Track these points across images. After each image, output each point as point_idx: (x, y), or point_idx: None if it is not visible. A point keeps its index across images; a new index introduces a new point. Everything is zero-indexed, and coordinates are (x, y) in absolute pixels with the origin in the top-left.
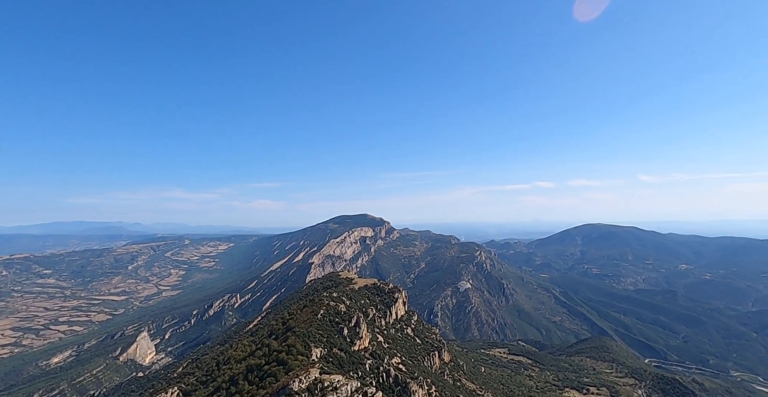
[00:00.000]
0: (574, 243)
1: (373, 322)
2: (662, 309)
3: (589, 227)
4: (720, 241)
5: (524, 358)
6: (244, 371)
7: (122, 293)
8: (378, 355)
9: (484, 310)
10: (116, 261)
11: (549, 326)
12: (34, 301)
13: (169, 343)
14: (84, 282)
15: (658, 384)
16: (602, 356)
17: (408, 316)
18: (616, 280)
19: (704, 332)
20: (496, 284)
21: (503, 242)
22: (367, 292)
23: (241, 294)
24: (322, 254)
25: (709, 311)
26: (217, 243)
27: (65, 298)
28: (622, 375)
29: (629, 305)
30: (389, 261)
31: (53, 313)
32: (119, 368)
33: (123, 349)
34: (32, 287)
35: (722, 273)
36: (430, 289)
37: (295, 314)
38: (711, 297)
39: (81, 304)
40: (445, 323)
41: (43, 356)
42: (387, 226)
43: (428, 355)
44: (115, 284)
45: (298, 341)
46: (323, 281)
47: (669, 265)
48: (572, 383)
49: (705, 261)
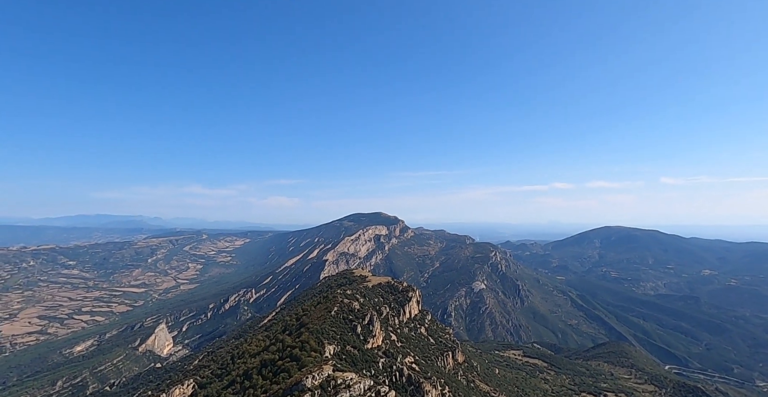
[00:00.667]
0: (592, 246)
1: (387, 320)
2: (684, 315)
3: (607, 230)
4: (746, 246)
5: (539, 361)
6: (258, 366)
7: (142, 285)
8: (391, 354)
9: (499, 311)
10: (137, 254)
11: (565, 330)
12: (59, 291)
13: (186, 335)
14: (106, 274)
15: (680, 392)
16: (621, 362)
17: (422, 315)
18: (635, 284)
19: (728, 339)
20: (511, 285)
21: (519, 243)
22: (380, 290)
23: (257, 289)
24: (336, 251)
25: (733, 318)
26: (233, 238)
27: (88, 289)
28: (641, 382)
29: (649, 310)
30: (403, 260)
31: (77, 303)
32: (138, 359)
33: (142, 340)
34: (57, 278)
35: (748, 280)
36: (444, 289)
37: (308, 311)
38: (736, 304)
39: (103, 295)
40: (458, 324)
41: (66, 344)
42: (401, 224)
43: (442, 355)
44: (136, 276)
45: (312, 338)
46: (337, 278)
47: (691, 270)
48: (589, 388)
49: (730, 267)
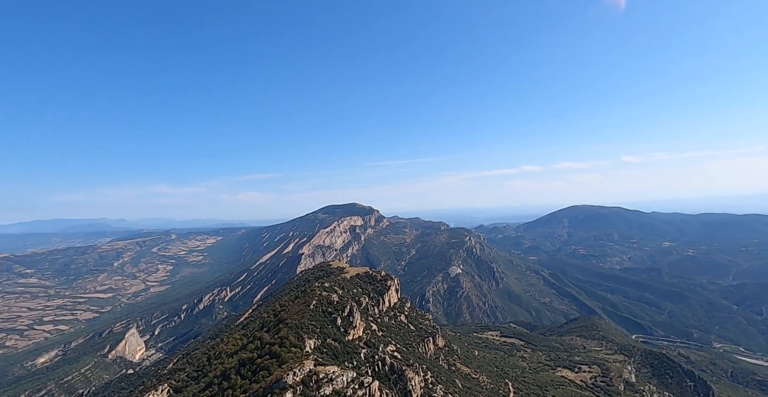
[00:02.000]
0: (562, 225)
1: (367, 310)
2: (648, 286)
3: (575, 209)
4: (702, 218)
5: (516, 340)
6: (237, 366)
7: (109, 290)
8: (373, 344)
9: (475, 294)
10: (101, 258)
11: (539, 308)
12: (17, 301)
13: (159, 339)
14: (68, 281)
15: (647, 359)
16: (592, 335)
17: (401, 303)
18: (602, 260)
19: (688, 307)
20: (486, 268)
21: (492, 226)
22: (359, 281)
23: (231, 287)
24: (312, 244)
25: (692, 286)
26: (204, 237)
27: (49, 297)
28: (611, 352)
29: (616, 283)
30: (380, 249)
31: (37, 313)
32: (108, 366)
33: (111, 346)
34: (14, 288)
35: (704, 249)
36: (421, 275)
37: (286, 306)
38: (694, 273)
39: (66, 303)
40: (437, 309)
41: (28, 356)
42: (376, 214)
43: (423, 341)
44: (101, 281)
45: (291, 333)
46: (314, 272)
47: (653, 243)
48: (564, 363)
49: (688, 238)
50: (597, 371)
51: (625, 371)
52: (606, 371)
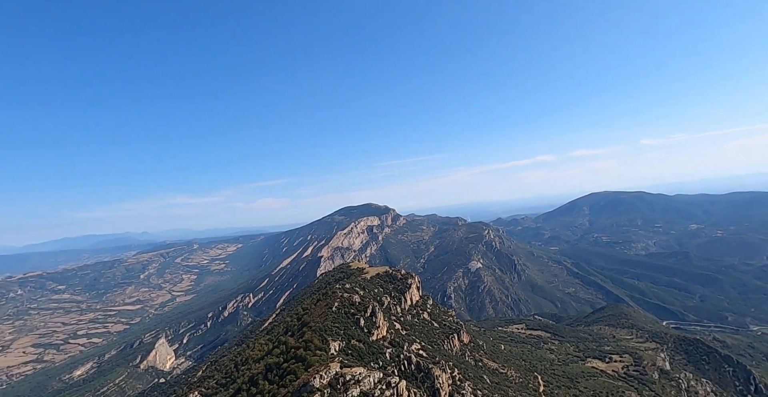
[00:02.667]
0: (582, 213)
1: (389, 310)
2: (676, 271)
3: (595, 196)
4: (729, 197)
5: (543, 332)
6: (263, 371)
7: (137, 302)
8: (397, 343)
9: (497, 288)
10: (128, 271)
11: (564, 298)
12: (52, 317)
13: (188, 347)
14: (98, 294)
15: (681, 346)
16: (621, 323)
17: (423, 301)
18: (627, 246)
19: (720, 289)
20: (506, 261)
21: (510, 218)
22: (379, 280)
23: (254, 293)
24: (330, 246)
25: (723, 268)
26: (225, 245)
27: (81, 311)
28: (642, 340)
29: (642, 269)
30: (398, 248)
31: (71, 327)
32: (141, 376)
33: (143, 357)
34: (48, 304)
35: (734, 229)
36: (441, 272)
37: (309, 309)
38: (724, 254)
39: (97, 316)
40: (459, 305)
41: (65, 369)
42: (392, 213)
43: (447, 338)
44: (129, 293)
45: (315, 336)
46: (334, 273)
47: (679, 226)
48: (594, 353)
49: (715, 219)
50: (629, 361)
51: (659, 359)
52: (638, 360)
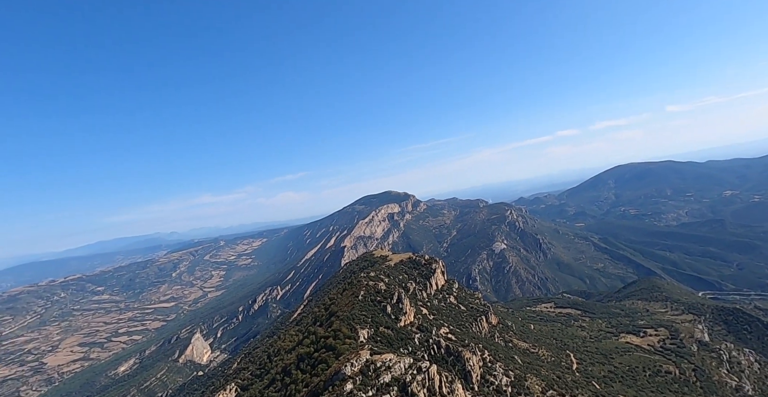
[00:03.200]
0: (607, 187)
1: (415, 296)
2: (711, 240)
3: (620, 169)
4: (765, 160)
5: (572, 309)
6: (296, 361)
7: (171, 300)
8: (425, 328)
9: (523, 268)
10: (160, 270)
11: (592, 275)
12: (94, 317)
13: (222, 340)
14: (135, 294)
15: (720, 316)
16: (654, 297)
17: (449, 285)
18: (656, 218)
19: (759, 256)
20: (531, 240)
21: (532, 197)
22: (403, 267)
23: (282, 286)
24: (353, 236)
25: (762, 234)
26: (250, 240)
27: (120, 311)
28: (678, 313)
29: (674, 240)
30: (420, 234)
31: (112, 326)
32: (180, 370)
33: (181, 351)
34: (90, 305)
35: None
36: (465, 255)
37: (336, 299)
38: (762, 220)
39: (135, 314)
40: (485, 287)
41: (110, 366)
42: (412, 199)
43: (475, 320)
44: (163, 291)
45: (344, 325)
46: (359, 262)
47: (712, 194)
48: (627, 328)
49: (751, 184)
50: (665, 334)
51: (697, 331)
52: (675, 333)
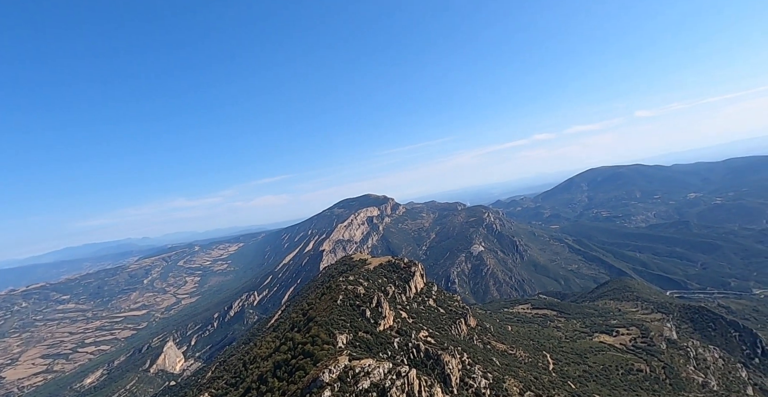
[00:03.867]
0: (580, 190)
1: (394, 299)
2: (677, 240)
3: (592, 172)
4: (726, 164)
5: (548, 310)
6: (272, 368)
7: (142, 307)
8: (404, 331)
9: (501, 270)
10: (131, 277)
11: (567, 276)
12: (58, 327)
13: (196, 348)
14: (103, 302)
15: (686, 314)
16: (625, 296)
17: (428, 288)
18: (627, 219)
19: (722, 256)
20: (508, 242)
21: (509, 200)
22: (383, 270)
23: (258, 291)
24: (332, 239)
25: (724, 234)
26: (227, 245)
27: (88, 320)
28: (648, 312)
29: (644, 242)
30: (399, 237)
31: (78, 336)
32: (151, 380)
33: (152, 361)
34: (54, 314)
35: (732, 195)
36: (443, 258)
37: (314, 304)
38: (724, 221)
39: (104, 323)
40: (463, 289)
41: (76, 378)
42: (392, 202)
43: (454, 323)
44: (134, 299)
45: (322, 330)
46: (337, 266)
47: (678, 196)
48: (600, 328)
49: (714, 186)
50: (636, 333)
51: (665, 329)
52: (645, 331)
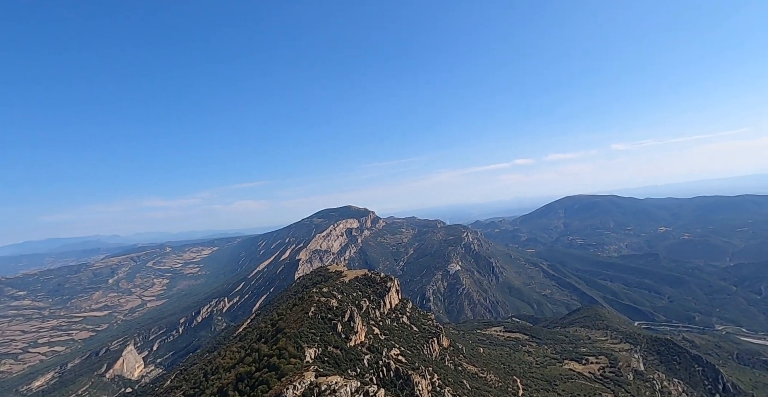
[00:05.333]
0: (557, 216)
1: (368, 314)
2: (646, 272)
3: (570, 199)
4: (695, 201)
5: (520, 334)
6: (234, 381)
7: (104, 308)
8: (376, 348)
9: (476, 290)
10: (95, 276)
11: (540, 300)
12: (10, 325)
13: (158, 354)
14: (62, 300)
15: (653, 346)
16: (596, 325)
17: (402, 304)
18: (600, 248)
19: (687, 290)
20: (485, 263)
21: (488, 221)
22: (358, 284)
23: (229, 298)
24: (309, 249)
25: (690, 269)
26: (200, 248)
27: (43, 318)
28: (617, 341)
29: (615, 271)
30: (377, 250)
31: (31, 335)
32: (106, 386)
33: (109, 365)
34: (6, 311)
35: (699, 232)
36: (420, 274)
37: (284, 314)
38: (691, 256)
39: (61, 323)
40: (438, 307)
41: (23, 381)
42: (372, 216)
43: (427, 342)
44: (96, 299)
45: (290, 343)
46: (312, 277)
47: (649, 229)
48: (571, 355)
49: (683, 222)
50: (605, 362)
51: (633, 360)
52: (614, 361)
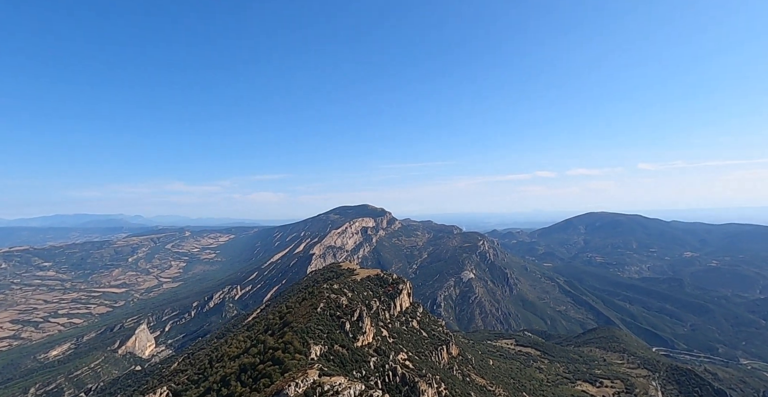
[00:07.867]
0: (578, 232)
1: (377, 315)
2: (668, 297)
3: (592, 216)
4: (725, 228)
5: (532, 349)
6: (237, 371)
7: (122, 286)
8: (383, 351)
9: (488, 300)
10: (116, 253)
11: (554, 316)
12: (34, 293)
13: (170, 335)
14: (84, 274)
15: (673, 375)
16: (612, 347)
17: (413, 308)
18: (620, 268)
19: (712, 320)
20: (499, 273)
21: (505, 231)
22: (369, 283)
23: (242, 286)
24: (323, 244)
25: (716, 298)
26: (217, 235)
27: (65, 290)
28: (634, 366)
29: (635, 293)
30: (391, 251)
31: (53, 305)
32: (118, 362)
33: (122, 342)
34: (32, 280)
35: (728, 260)
36: (432, 279)
37: (293, 308)
38: (718, 285)
39: (81, 296)
40: (448, 314)
41: (41, 349)
42: (388, 216)
43: (436, 349)
44: (116, 276)
45: (296, 338)
46: (324, 272)
47: (674, 253)
48: (584, 376)
49: (710, 248)
50: (620, 386)
51: (651, 388)
52: (630, 387)
